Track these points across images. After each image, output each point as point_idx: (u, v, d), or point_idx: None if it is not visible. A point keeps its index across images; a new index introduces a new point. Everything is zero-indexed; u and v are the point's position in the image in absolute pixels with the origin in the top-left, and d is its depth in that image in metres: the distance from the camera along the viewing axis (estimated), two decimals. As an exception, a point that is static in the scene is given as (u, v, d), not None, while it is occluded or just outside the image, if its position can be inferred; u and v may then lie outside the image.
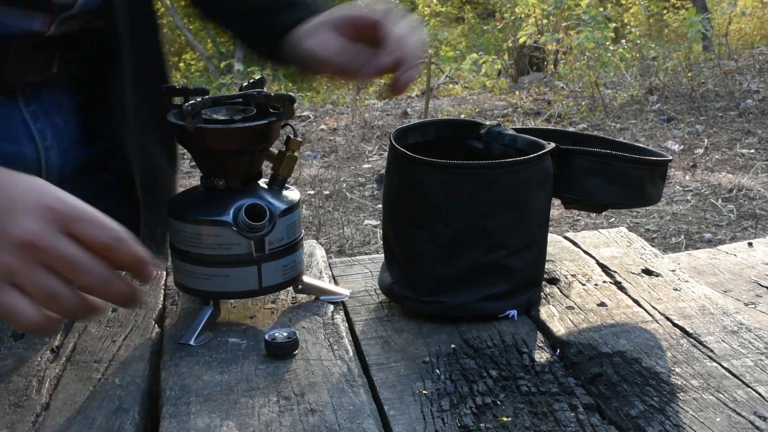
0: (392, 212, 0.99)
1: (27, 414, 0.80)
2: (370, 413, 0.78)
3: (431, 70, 7.16)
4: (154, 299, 1.04)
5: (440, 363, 0.87)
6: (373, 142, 5.65)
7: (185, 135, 0.91)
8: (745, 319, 0.94)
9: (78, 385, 0.85)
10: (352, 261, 1.16)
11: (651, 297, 1.00)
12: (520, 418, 0.76)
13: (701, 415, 0.75)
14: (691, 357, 0.86)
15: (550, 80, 7.34)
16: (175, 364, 0.88)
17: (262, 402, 0.80)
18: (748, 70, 6.87)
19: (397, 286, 0.98)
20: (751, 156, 4.91)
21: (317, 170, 4.98)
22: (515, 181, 0.93)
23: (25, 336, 0.95)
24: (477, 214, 0.93)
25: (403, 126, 1.04)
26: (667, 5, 11.14)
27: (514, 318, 0.96)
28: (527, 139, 1.01)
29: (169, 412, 0.79)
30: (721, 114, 5.75)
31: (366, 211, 4.40)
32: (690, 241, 3.80)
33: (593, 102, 6.16)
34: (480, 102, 6.70)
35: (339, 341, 0.92)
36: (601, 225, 4.00)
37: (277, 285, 0.96)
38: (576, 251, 1.16)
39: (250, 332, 0.94)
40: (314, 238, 3.60)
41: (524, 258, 0.96)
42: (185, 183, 4.41)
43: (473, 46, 10.48)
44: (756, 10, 9.90)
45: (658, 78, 6.45)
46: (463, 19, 12.53)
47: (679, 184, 4.51)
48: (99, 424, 0.78)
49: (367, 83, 1.00)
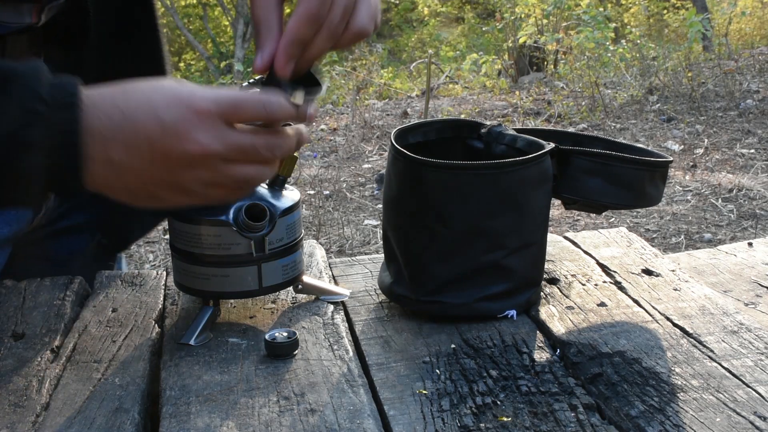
0: (392, 212, 0.99)
1: (27, 414, 0.80)
2: (370, 413, 0.78)
3: (431, 70, 7.16)
4: (154, 299, 1.04)
5: (440, 363, 0.87)
6: (373, 142, 5.65)
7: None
8: (745, 319, 0.94)
9: (78, 385, 0.85)
10: (352, 261, 1.16)
11: (651, 297, 1.00)
12: (520, 418, 0.76)
13: (701, 415, 0.76)
14: (691, 357, 0.86)
15: (550, 80, 7.34)
16: (175, 364, 0.88)
17: (262, 402, 0.80)
18: (748, 70, 6.87)
19: (396, 286, 0.98)
20: (751, 156, 4.91)
21: (317, 170, 4.98)
22: (515, 181, 0.93)
23: (25, 336, 0.95)
24: (477, 214, 0.93)
25: (404, 126, 1.04)
26: (667, 5, 11.15)
27: (513, 318, 0.96)
28: (527, 139, 1.01)
29: (169, 412, 0.79)
30: (721, 114, 5.76)
31: (366, 211, 4.40)
32: (690, 241, 3.80)
33: (593, 102, 6.16)
34: (480, 102, 6.70)
35: (339, 341, 0.92)
36: (601, 225, 4.00)
37: (277, 285, 0.97)
38: (576, 251, 1.16)
39: (250, 332, 0.95)
40: (314, 238, 3.60)
41: (524, 258, 0.96)
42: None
43: (473, 46, 10.48)
44: (756, 10, 9.90)
45: (658, 78, 6.46)
46: (463, 19, 12.54)
47: (679, 184, 4.51)
48: (99, 424, 0.78)
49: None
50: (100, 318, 1.00)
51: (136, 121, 0.72)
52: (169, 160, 0.73)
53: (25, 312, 1.01)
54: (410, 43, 12.04)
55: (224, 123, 0.74)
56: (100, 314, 1.01)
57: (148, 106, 0.72)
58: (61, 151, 0.71)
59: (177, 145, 0.72)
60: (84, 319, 1.00)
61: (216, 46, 12.36)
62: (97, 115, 0.71)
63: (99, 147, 0.72)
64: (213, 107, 0.73)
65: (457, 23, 12.78)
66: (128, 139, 0.72)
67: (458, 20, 12.80)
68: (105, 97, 0.72)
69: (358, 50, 7.97)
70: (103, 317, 1.00)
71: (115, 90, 0.74)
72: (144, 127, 0.72)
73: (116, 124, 0.71)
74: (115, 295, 1.06)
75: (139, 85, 0.74)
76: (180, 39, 12.88)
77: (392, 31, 12.93)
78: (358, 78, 7.32)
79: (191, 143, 0.72)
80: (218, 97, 0.74)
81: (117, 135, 0.72)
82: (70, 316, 1.01)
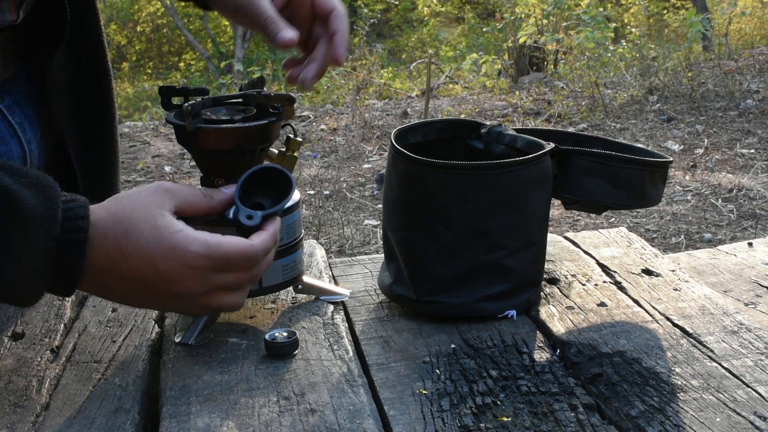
0: (392, 212, 0.99)
1: (27, 414, 0.80)
2: (370, 413, 0.78)
3: (431, 70, 7.16)
4: (154, 299, 1.04)
5: (440, 363, 0.87)
6: (373, 142, 5.65)
7: (185, 135, 0.91)
8: (745, 319, 0.94)
9: (78, 385, 0.85)
10: (352, 261, 1.16)
11: (651, 297, 1.00)
12: (520, 418, 0.76)
13: (701, 415, 0.76)
14: (691, 357, 0.86)
15: (550, 80, 7.34)
16: (175, 364, 0.88)
17: (262, 402, 0.80)
18: (748, 70, 6.87)
19: (396, 286, 0.98)
20: (751, 156, 4.91)
21: (317, 170, 4.98)
22: (515, 181, 0.93)
23: (24, 336, 0.95)
24: (477, 214, 0.93)
25: (404, 126, 1.04)
26: (667, 5, 11.15)
27: (513, 318, 0.96)
28: (527, 140, 1.01)
29: (169, 412, 0.79)
30: (721, 114, 5.76)
31: (366, 211, 4.40)
32: (690, 241, 3.80)
33: (593, 102, 6.16)
34: (480, 102, 6.70)
35: (339, 341, 0.92)
36: (601, 225, 4.00)
37: (277, 285, 0.97)
38: (576, 251, 1.16)
39: (250, 332, 0.94)
40: (314, 238, 3.60)
41: (524, 258, 0.96)
42: (185, 183, 4.40)
43: (473, 46, 10.48)
44: (756, 10, 9.90)
45: (658, 78, 6.46)
46: (463, 19, 12.54)
47: (679, 184, 4.51)
48: (99, 424, 0.78)
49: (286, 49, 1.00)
50: (99, 318, 1.00)
51: (132, 263, 0.81)
52: (157, 293, 0.83)
53: (25, 312, 1.01)
54: (410, 43, 12.04)
55: (213, 271, 0.83)
56: (99, 314, 1.01)
57: (146, 254, 0.80)
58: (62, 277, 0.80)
59: (167, 287, 0.82)
60: (84, 319, 1.00)
61: (216, 46, 12.36)
62: (100, 251, 0.80)
63: (96, 275, 0.81)
64: (206, 263, 0.82)
65: (457, 23, 12.78)
66: (124, 275, 0.81)
67: (458, 20, 12.80)
68: (108, 234, 0.80)
69: (358, 50, 7.97)
70: (103, 317, 1.00)
71: (116, 229, 0.81)
72: (140, 270, 0.81)
73: (115, 261, 0.81)
74: (115, 295, 1.06)
75: (140, 228, 0.81)
76: (180, 39, 12.88)
77: (392, 31, 12.94)
78: (358, 78, 7.32)
79: (179, 287, 0.82)
80: (211, 254, 0.81)
81: (114, 270, 0.81)
82: (69, 316, 1.01)
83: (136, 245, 0.80)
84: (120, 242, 0.80)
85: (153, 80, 11.79)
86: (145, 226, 0.81)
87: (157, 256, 0.81)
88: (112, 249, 0.80)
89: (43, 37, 1.05)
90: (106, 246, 0.80)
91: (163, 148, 5.71)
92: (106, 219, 0.81)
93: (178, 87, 0.97)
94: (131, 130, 6.27)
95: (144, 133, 6.13)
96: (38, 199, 0.77)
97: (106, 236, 0.80)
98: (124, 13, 12.96)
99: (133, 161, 5.39)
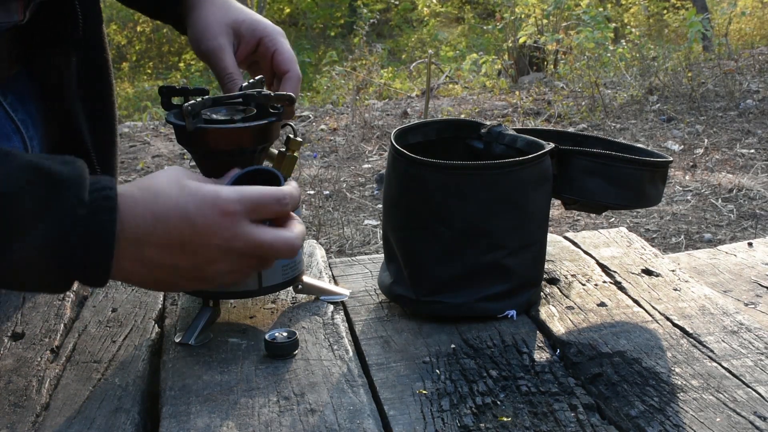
0: (392, 212, 0.99)
1: (27, 414, 0.80)
2: (370, 413, 0.78)
3: (431, 70, 7.17)
4: (153, 299, 1.04)
5: (440, 363, 0.87)
6: (373, 142, 5.65)
7: (185, 135, 0.91)
8: (745, 319, 0.94)
9: (78, 385, 0.85)
10: (352, 261, 1.16)
11: (651, 297, 1.00)
12: (520, 418, 0.76)
13: (701, 415, 0.76)
14: (691, 357, 0.86)
15: (550, 80, 7.34)
16: (175, 364, 0.88)
17: (262, 402, 0.80)
18: (748, 70, 6.87)
19: (396, 286, 0.98)
20: (751, 156, 4.91)
21: (317, 170, 4.98)
22: (515, 181, 0.93)
23: (24, 336, 0.95)
24: (477, 214, 0.93)
25: (404, 126, 1.04)
26: (667, 5, 11.15)
27: (513, 318, 0.96)
28: (527, 140, 1.01)
29: (169, 412, 0.79)
30: (721, 114, 5.76)
31: (366, 211, 4.40)
32: (690, 241, 3.79)
33: (593, 102, 6.16)
34: (480, 102, 6.70)
35: (339, 341, 0.92)
36: (601, 225, 4.00)
37: (276, 285, 0.97)
38: (576, 251, 1.16)
39: (250, 332, 0.95)
40: (314, 238, 3.60)
41: (524, 258, 0.96)
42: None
43: (473, 46, 10.48)
44: (756, 10, 9.90)
45: (658, 78, 6.45)
46: (463, 19, 12.54)
47: (679, 184, 4.51)
48: (99, 424, 0.78)
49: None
50: (99, 318, 1.00)
51: (168, 224, 0.78)
52: (196, 257, 0.80)
53: (25, 312, 1.01)
54: (410, 43, 12.04)
55: (246, 218, 0.80)
56: (99, 314, 1.01)
57: (180, 211, 0.78)
58: (94, 250, 0.76)
59: (206, 242, 0.79)
60: (84, 319, 1.00)
61: (216, 46, 12.33)
62: (131, 221, 0.77)
63: (133, 248, 0.78)
64: (239, 207, 0.80)
65: (457, 23, 12.78)
66: (161, 240, 0.78)
67: (458, 20, 12.80)
68: (138, 201, 0.78)
69: (358, 50, 7.97)
70: (103, 317, 1.00)
71: (146, 195, 0.79)
72: (176, 229, 0.78)
73: (149, 228, 0.78)
74: (114, 295, 1.06)
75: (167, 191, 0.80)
76: (180, 39, 12.87)
77: (392, 31, 12.93)
78: (358, 78, 7.32)
79: (218, 240, 0.79)
80: (242, 197, 0.80)
81: (150, 238, 0.78)
82: (69, 316, 1.01)
83: (167, 204, 0.79)
84: (151, 207, 0.78)
85: (153, 80, 11.78)
86: (173, 187, 0.80)
87: (191, 211, 0.78)
88: (145, 214, 0.78)
89: (45, 37, 1.06)
90: (137, 212, 0.78)
91: (163, 148, 5.71)
92: (132, 189, 0.80)
93: (178, 87, 0.97)
94: (131, 130, 6.27)
95: (144, 133, 6.13)
96: (65, 167, 0.76)
97: (136, 203, 0.78)
98: (124, 13, 12.95)
99: (133, 161, 5.39)
